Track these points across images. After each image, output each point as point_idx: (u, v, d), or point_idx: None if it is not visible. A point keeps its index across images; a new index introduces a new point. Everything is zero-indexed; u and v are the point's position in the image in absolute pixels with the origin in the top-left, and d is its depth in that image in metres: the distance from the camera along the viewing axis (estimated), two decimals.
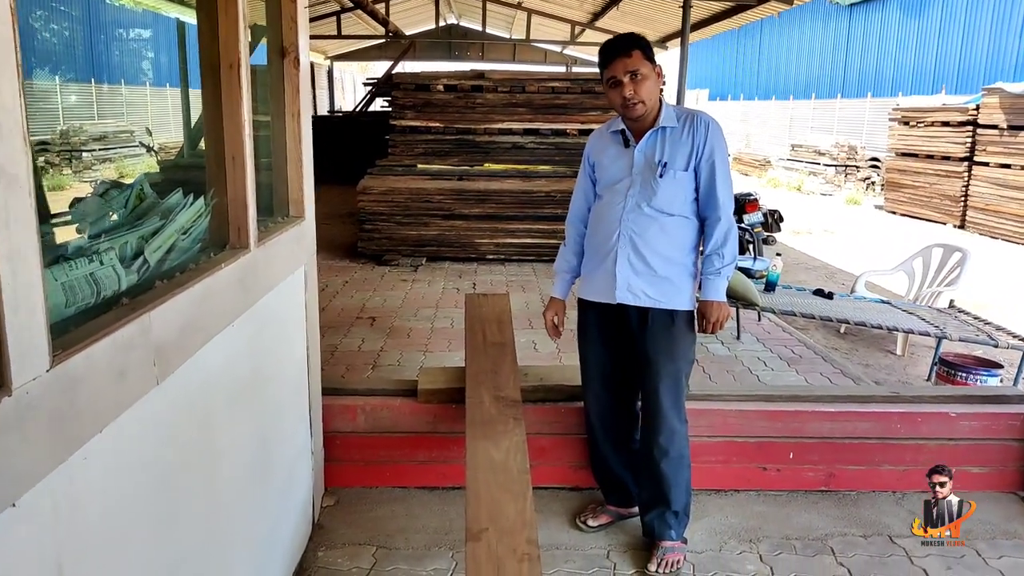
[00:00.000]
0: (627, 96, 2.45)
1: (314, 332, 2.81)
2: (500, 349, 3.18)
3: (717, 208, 2.52)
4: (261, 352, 2.16)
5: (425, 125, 9.14)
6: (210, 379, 1.77)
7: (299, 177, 2.57)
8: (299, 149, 2.56)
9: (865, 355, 5.55)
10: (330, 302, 6.11)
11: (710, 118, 2.54)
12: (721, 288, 2.55)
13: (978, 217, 11.90)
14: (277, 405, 2.36)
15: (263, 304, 2.14)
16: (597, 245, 2.66)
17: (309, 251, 2.69)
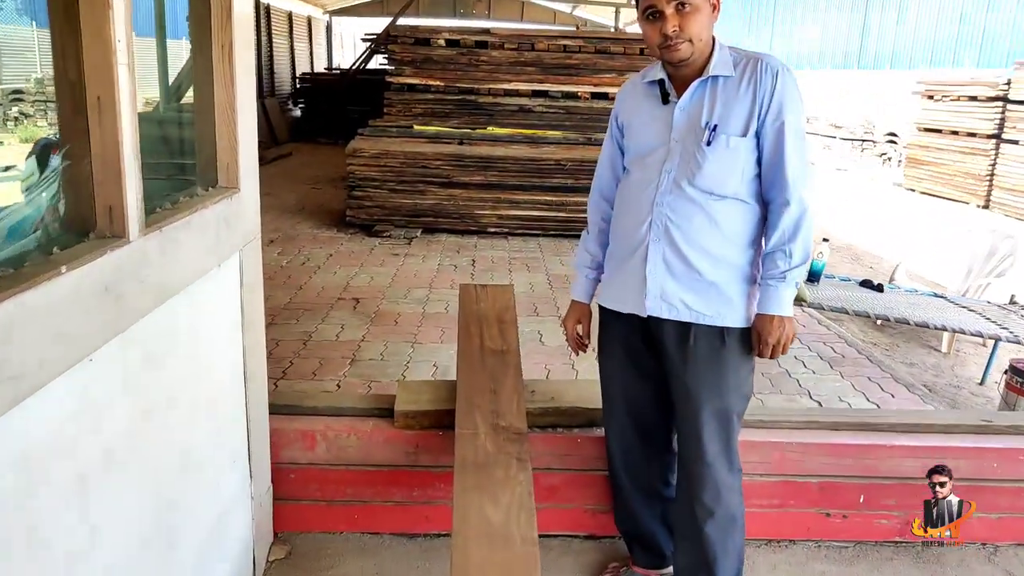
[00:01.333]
0: (669, 32, 1.76)
1: (256, 339, 2.14)
2: (501, 360, 2.52)
3: (785, 188, 1.83)
4: (154, 386, 1.50)
5: (424, 83, 8.40)
6: (44, 446, 1.12)
7: (230, 134, 1.89)
8: (231, 95, 1.87)
9: (907, 351, 4.90)
10: (310, 279, 5.43)
11: (780, 63, 1.83)
12: (786, 299, 1.86)
13: (1005, 198, 11.16)
14: (187, 452, 1.70)
15: (159, 318, 1.47)
16: (622, 237, 2.00)
17: (247, 233, 2.01)
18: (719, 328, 1.91)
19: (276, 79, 17.96)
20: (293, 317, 4.58)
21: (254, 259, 2.07)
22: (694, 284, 1.89)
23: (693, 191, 1.85)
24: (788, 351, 1.90)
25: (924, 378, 4.44)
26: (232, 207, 1.88)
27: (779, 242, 1.85)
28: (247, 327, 2.06)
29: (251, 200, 2.02)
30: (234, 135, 1.89)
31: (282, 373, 3.74)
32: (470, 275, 5.74)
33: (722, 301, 1.89)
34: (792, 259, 1.84)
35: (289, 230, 7.01)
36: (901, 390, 3.87)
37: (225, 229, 1.84)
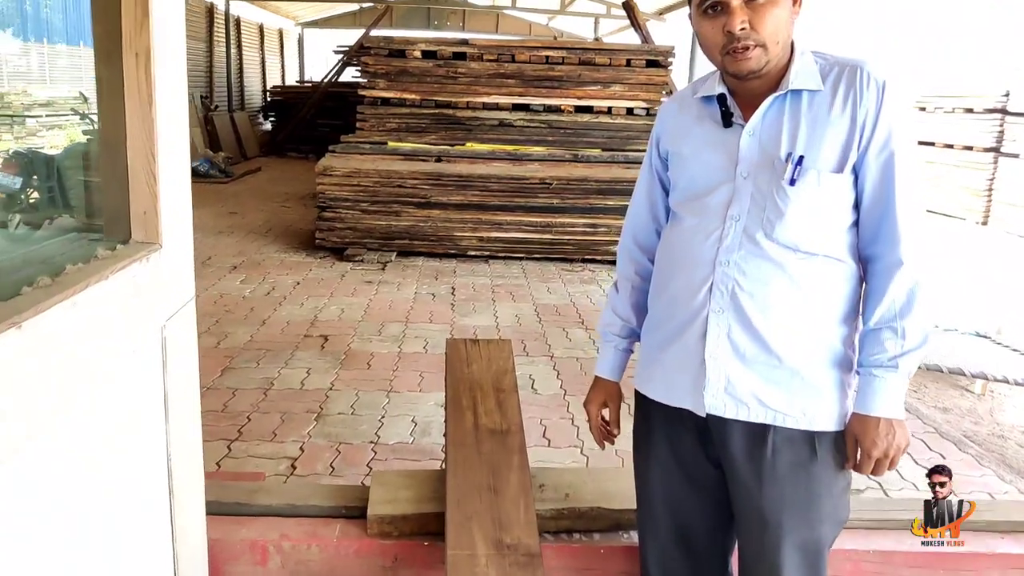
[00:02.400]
0: (735, 31, 1.30)
1: (186, 432, 1.65)
2: (502, 444, 2.05)
3: (896, 242, 1.37)
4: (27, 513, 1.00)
5: (399, 97, 7.92)
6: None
7: (148, 170, 1.40)
8: (148, 119, 1.39)
9: (937, 394, 4.49)
10: (275, 311, 4.92)
11: (886, 73, 1.37)
12: (898, 395, 1.39)
13: (1005, 213, 10.89)
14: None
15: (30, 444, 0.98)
16: (670, 305, 1.51)
17: (173, 302, 1.52)
18: (807, 433, 1.43)
19: (246, 92, 17.39)
20: (254, 359, 4.06)
21: (184, 334, 1.58)
22: (772, 372, 1.41)
23: (771, 246, 1.38)
24: (897, 466, 1.44)
25: (963, 426, 4.02)
26: (150, 270, 1.39)
27: (887, 316, 1.38)
28: (173, 420, 1.57)
29: (180, 258, 1.54)
30: (153, 172, 1.40)
31: (237, 433, 3.23)
32: (450, 305, 5.27)
33: (809, 395, 1.41)
34: (906, 340, 1.37)
35: (255, 254, 6.48)
36: (950, 448, 3.43)
37: (138, 302, 1.35)
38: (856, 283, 1.45)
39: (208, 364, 3.93)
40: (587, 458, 3.21)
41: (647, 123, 8.09)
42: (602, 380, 1.73)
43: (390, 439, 3.24)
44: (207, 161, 11.12)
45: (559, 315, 5.15)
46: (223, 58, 15.70)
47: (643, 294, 1.64)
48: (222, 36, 15.67)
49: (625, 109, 8.00)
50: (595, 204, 6.63)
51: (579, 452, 3.27)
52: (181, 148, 1.54)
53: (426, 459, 3.11)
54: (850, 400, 1.45)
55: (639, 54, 8.02)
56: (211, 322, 4.62)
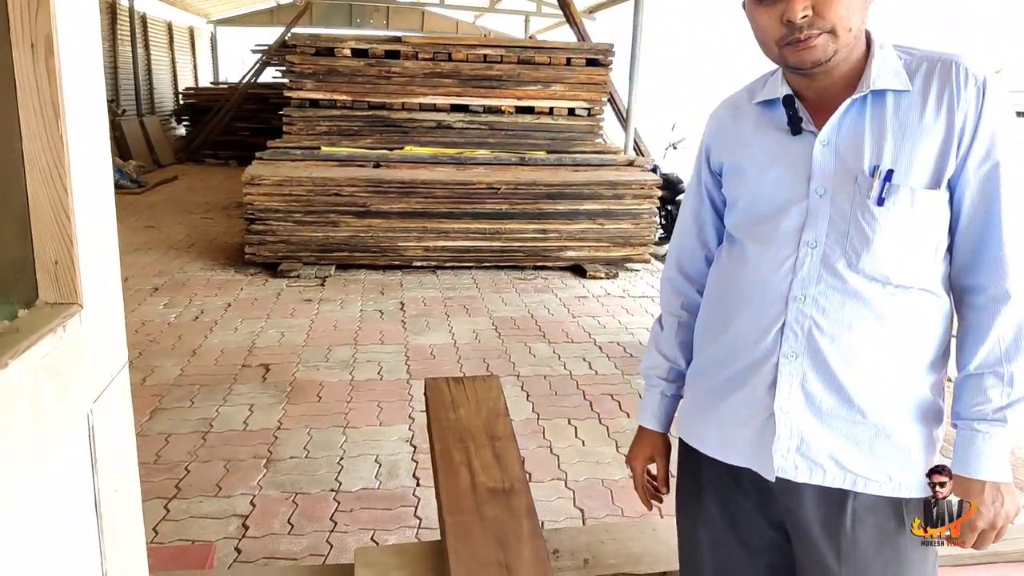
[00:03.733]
0: (796, 19, 1.04)
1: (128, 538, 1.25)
2: (506, 506, 1.72)
3: (1002, 272, 1.11)
4: None
5: (329, 98, 7.45)
6: None
7: (58, 204, 1.02)
8: (57, 131, 1.00)
9: None
10: (205, 339, 4.44)
11: (983, 70, 1.10)
12: (1004, 452, 1.14)
13: None
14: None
15: None
16: (730, 348, 1.25)
17: (101, 375, 1.13)
18: (894, 500, 1.18)
19: (156, 95, 16.43)
20: (187, 397, 3.61)
21: (116, 415, 1.19)
22: (853, 429, 1.16)
23: (856, 279, 1.12)
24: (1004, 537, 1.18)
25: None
26: (68, 341, 1.00)
27: (991, 359, 1.13)
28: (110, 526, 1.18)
29: (107, 319, 1.15)
30: (64, 205, 1.02)
31: (175, 489, 2.80)
32: (400, 322, 4.89)
33: (896, 456, 1.17)
34: (1015, 387, 1.12)
35: (177, 273, 5.94)
36: None
37: (53, 385, 0.96)
38: (950, 320, 1.20)
39: (134, 406, 3.46)
40: (572, 492, 2.92)
41: (590, 124, 7.87)
42: (647, 431, 1.46)
43: (353, 485, 2.87)
44: (117, 171, 10.36)
45: (518, 328, 4.84)
46: (129, 58, 14.75)
47: (691, 331, 1.39)
48: (127, 34, 14.72)
49: (567, 109, 7.76)
50: (545, 209, 6.34)
51: (563, 485, 2.98)
52: (101, 170, 1.16)
53: (397, 506, 2.75)
54: (937, 458, 1.21)
55: (579, 53, 7.77)
56: (134, 355, 4.13)
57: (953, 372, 1.21)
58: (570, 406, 3.64)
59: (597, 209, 6.44)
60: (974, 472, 1.15)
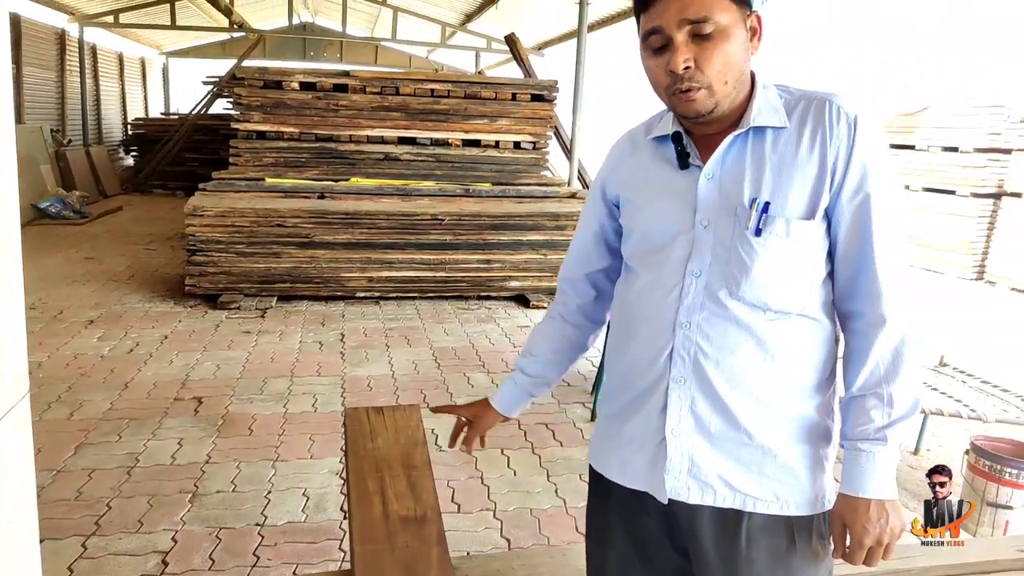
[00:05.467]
0: (678, 69, 1.12)
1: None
2: (417, 534, 1.74)
3: (877, 298, 1.18)
4: None
5: (276, 130, 7.47)
6: None
7: None
8: None
9: None
10: (139, 372, 4.37)
11: (857, 106, 1.18)
12: (888, 473, 1.20)
13: None
14: None
15: None
16: (628, 373, 1.31)
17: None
18: (783, 518, 1.23)
19: (105, 125, 16.20)
20: (115, 432, 3.54)
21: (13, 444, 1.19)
22: (740, 451, 1.22)
23: (737, 306, 1.18)
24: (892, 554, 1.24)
25: None
26: None
27: (872, 381, 1.19)
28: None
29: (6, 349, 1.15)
30: None
31: (95, 526, 2.74)
32: (339, 353, 4.87)
33: (782, 476, 1.22)
34: (895, 407, 1.19)
35: (114, 305, 5.84)
36: None
37: None
38: (833, 344, 1.27)
39: (59, 441, 3.41)
40: (500, 522, 2.94)
41: (535, 157, 8.01)
42: (486, 402, 1.59)
43: (279, 519, 2.85)
44: (59, 201, 10.18)
45: (459, 359, 4.86)
46: (77, 89, 14.56)
47: (563, 337, 1.52)
48: (76, 65, 14.54)
49: (512, 143, 7.89)
50: (488, 240, 6.41)
51: (492, 516, 2.99)
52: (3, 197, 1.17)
53: (323, 539, 2.73)
54: (829, 478, 1.27)
55: (524, 88, 7.92)
56: (62, 389, 4.04)
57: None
58: (504, 436, 3.66)
59: (540, 240, 6.52)
60: (859, 491, 1.19)
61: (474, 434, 1.61)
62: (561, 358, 1.52)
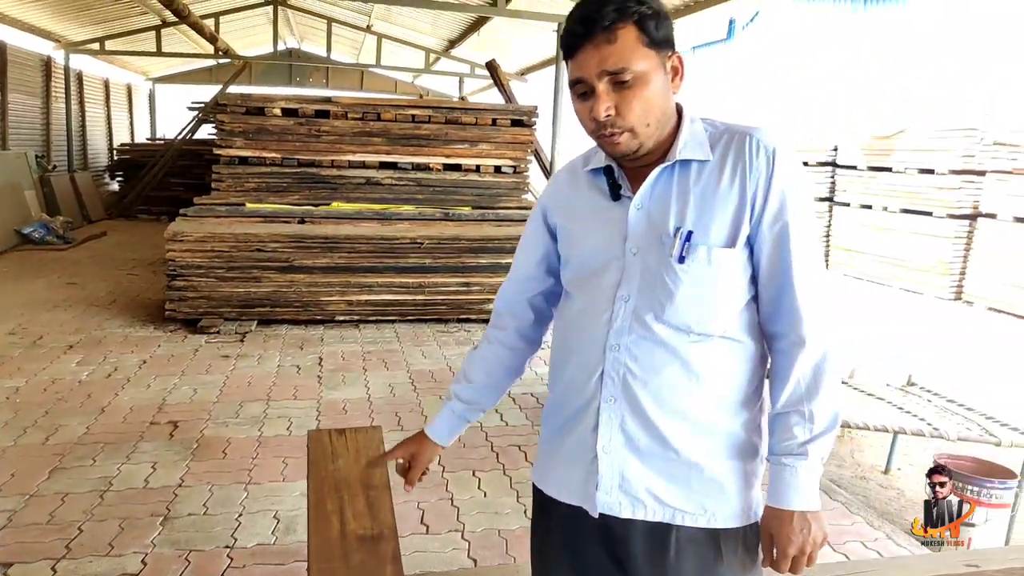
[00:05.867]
0: (601, 118, 1.20)
1: None
2: (373, 552, 1.78)
3: (797, 320, 1.25)
4: None
5: (258, 156, 7.54)
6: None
7: None
8: None
9: None
10: (116, 396, 4.40)
11: (776, 139, 1.26)
12: (811, 485, 1.27)
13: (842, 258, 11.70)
14: None
15: None
16: (564, 393, 1.38)
17: None
18: (711, 531, 1.29)
19: (90, 150, 16.26)
20: (89, 456, 3.57)
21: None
22: (669, 467, 1.28)
23: (662, 329, 1.25)
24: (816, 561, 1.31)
25: (828, 471, 4.08)
26: None
27: (793, 398, 1.27)
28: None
29: None
30: None
31: (65, 549, 2.77)
32: (317, 377, 4.91)
33: (710, 490, 1.29)
34: (816, 424, 1.26)
35: (94, 330, 5.86)
36: (822, 497, 3.44)
37: None
38: (758, 363, 1.33)
39: (33, 465, 3.43)
40: (468, 543, 2.98)
41: (515, 181, 8.11)
42: (422, 435, 1.60)
43: (249, 541, 2.88)
44: (43, 226, 10.20)
45: (435, 381, 4.91)
46: (63, 115, 14.63)
47: (499, 361, 1.56)
48: (61, 91, 14.62)
49: (493, 167, 7.99)
50: (467, 263, 6.48)
51: (460, 537, 3.03)
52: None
53: (291, 561, 2.77)
54: (756, 491, 1.34)
55: (504, 114, 8.04)
56: (39, 414, 4.07)
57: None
58: (477, 458, 3.71)
59: None
60: (783, 503, 1.26)
61: (416, 473, 1.59)
62: (497, 382, 1.56)
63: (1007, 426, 3.55)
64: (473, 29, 13.50)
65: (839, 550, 3.03)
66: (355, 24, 17.22)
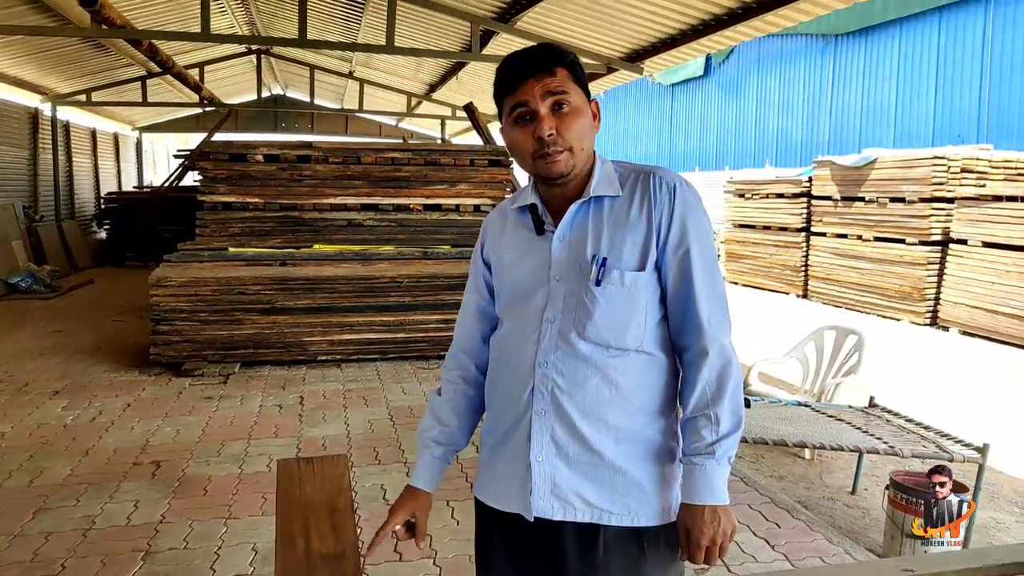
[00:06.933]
0: (544, 135, 1.37)
1: None
2: (336, 568, 1.90)
3: (700, 334, 1.42)
4: None
5: (241, 201, 7.72)
6: None
7: None
8: None
9: (772, 462, 4.70)
10: (100, 439, 4.49)
11: (676, 177, 1.45)
12: (719, 481, 1.41)
13: (820, 287, 11.92)
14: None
15: None
16: (499, 408, 1.53)
17: None
18: (634, 529, 1.43)
19: (77, 200, 16.43)
20: (73, 496, 3.66)
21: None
22: (594, 471, 1.42)
23: (584, 345, 1.41)
24: (727, 553, 1.44)
25: (797, 492, 4.21)
26: None
27: (700, 404, 1.42)
28: None
29: None
30: None
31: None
32: (298, 416, 5.02)
33: (631, 492, 1.42)
34: (720, 426, 1.40)
35: (80, 376, 5.97)
36: (785, 516, 3.57)
37: None
38: (671, 376, 1.48)
39: (18, 507, 3.52)
40: (440, 568, 3.08)
41: None
42: (414, 489, 1.63)
43: (226, 572, 2.98)
44: (30, 276, 10.32)
45: (413, 416, 5.03)
46: (50, 165, 14.83)
47: (467, 399, 1.64)
48: (48, 142, 14.84)
49: (472, 206, 8.19)
50: (446, 300, 6.64)
51: (432, 563, 3.13)
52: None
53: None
54: (675, 492, 1.47)
55: (481, 154, 8.27)
56: (24, 457, 4.16)
57: None
58: (451, 488, 3.82)
59: None
60: (695, 499, 1.40)
61: (422, 527, 1.63)
62: (468, 420, 1.64)
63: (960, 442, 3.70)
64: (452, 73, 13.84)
65: (798, 566, 3.14)
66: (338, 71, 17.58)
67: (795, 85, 17.73)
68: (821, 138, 16.78)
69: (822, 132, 16.85)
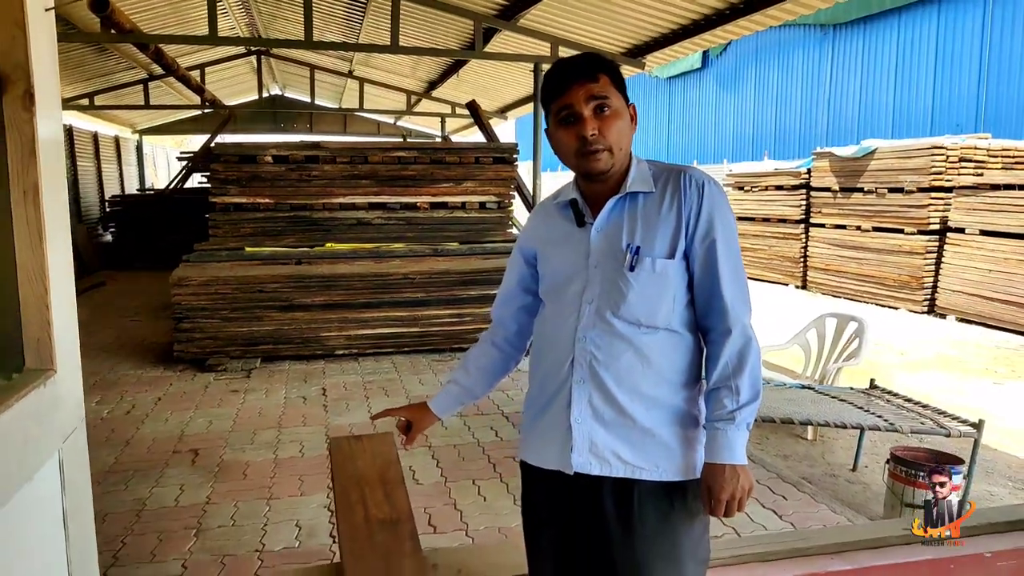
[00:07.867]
0: (588, 135, 1.58)
1: (86, 555, 1.64)
2: (393, 533, 2.14)
3: (724, 315, 1.64)
4: None
5: (252, 202, 7.91)
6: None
7: (41, 301, 1.46)
8: (40, 253, 1.45)
9: (777, 443, 4.94)
10: (137, 430, 4.72)
11: (705, 176, 1.67)
12: (738, 444, 1.62)
13: (819, 277, 12.15)
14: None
15: None
16: (542, 380, 1.75)
17: (68, 423, 1.55)
18: (664, 484, 1.65)
19: (83, 203, 16.61)
20: (122, 481, 3.89)
21: (79, 454, 1.60)
22: (628, 433, 1.64)
23: (619, 323, 1.63)
24: (745, 507, 1.67)
25: (800, 470, 4.44)
26: (47, 396, 1.43)
27: (723, 377, 1.64)
28: (74, 543, 1.57)
29: (72, 381, 1.58)
30: (45, 302, 1.46)
31: (113, 559, 3.09)
32: (322, 406, 5.25)
33: (660, 451, 1.65)
34: (740, 396, 1.62)
35: (108, 373, 6.19)
36: (791, 490, 3.81)
37: (37, 428, 1.38)
38: (695, 353, 1.70)
39: None
40: (472, 539, 3.31)
41: (500, 215, 8.51)
42: (424, 405, 1.93)
43: (276, 546, 3.20)
44: None
45: None
46: None
47: (490, 360, 1.91)
48: None
49: (478, 203, 8.39)
50: (458, 295, 6.86)
51: (464, 534, 3.36)
52: (68, 276, 1.60)
53: (316, 560, 3.09)
54: (698, 453, 1.69)
55: (486, 152, 8.47)
56: None
57: None
58: (475, 469, 4.05)
59: None
60: (716, 459, 1.62)
61: (415, 434, 1.94)
62: (488, 376, 1.91)
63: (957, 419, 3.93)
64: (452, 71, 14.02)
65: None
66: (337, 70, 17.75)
67: (793, 76, 17.94)
68: (819, 129, 17.02)
69: (820, 123, 17.08)
